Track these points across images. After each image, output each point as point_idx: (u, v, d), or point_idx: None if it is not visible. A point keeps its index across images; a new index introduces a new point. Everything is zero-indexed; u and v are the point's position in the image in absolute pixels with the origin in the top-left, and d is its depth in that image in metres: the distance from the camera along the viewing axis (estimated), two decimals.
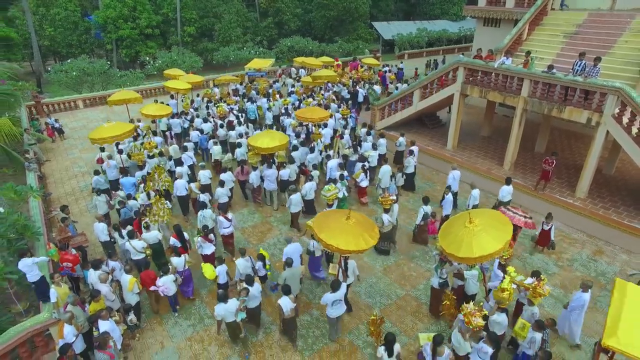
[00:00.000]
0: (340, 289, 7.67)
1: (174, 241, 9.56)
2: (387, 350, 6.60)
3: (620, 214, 11.77)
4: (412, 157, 13.95)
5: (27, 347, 8.18)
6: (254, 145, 12.51)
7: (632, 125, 11.15)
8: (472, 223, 6.89)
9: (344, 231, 7.36)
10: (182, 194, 12.19)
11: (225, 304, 7.49)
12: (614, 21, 15.38)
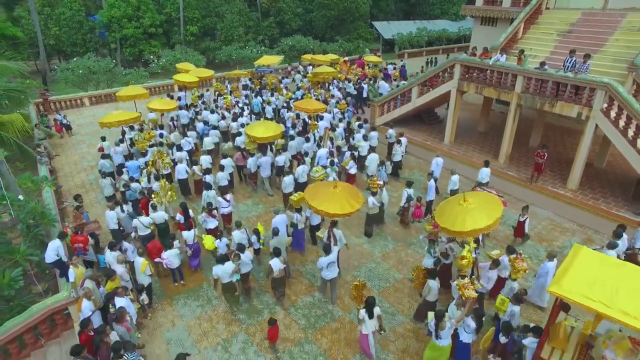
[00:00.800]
0: (332, 252, 8.65)
1: (179, 217, 10.47)
2: (367, 313, 7.30)
3: (609, 204, 12.30)
4: (399, 146, 14.72)
5: (47, 324, 8.73)
6: (250, 134, 13.37)
7: (619, 119, 11.68)
8: (466, 202, 7.52)
9: (332, 198, 8.52)
10: (182, 177, 13.26)
11: (223, 265, 8.47)
12: (606, 20, 15.88)
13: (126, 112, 15.11)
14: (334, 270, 8.84)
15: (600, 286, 5.49)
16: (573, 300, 5.48)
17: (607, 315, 5.21)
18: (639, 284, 5.50)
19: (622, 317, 5.10)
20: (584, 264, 5.97)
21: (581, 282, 5.61)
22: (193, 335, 8.72)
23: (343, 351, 8.24)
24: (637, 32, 14.53)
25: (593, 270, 5.81)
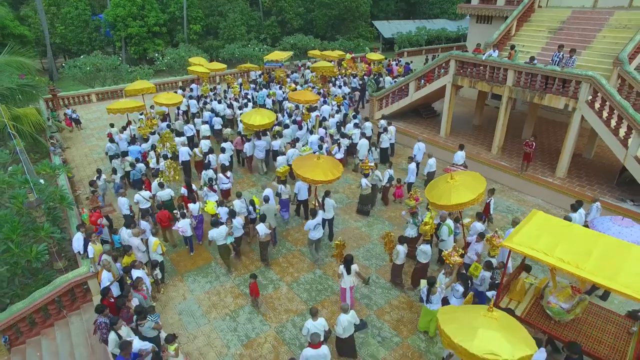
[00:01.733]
0: (317, 216, 9.92)
1: (184, 191, 11.94)
2: (345, 269, 8.23)
3: (594, 190, 12.99)
4: (386, 134, 15.84)
5: (69, 296, 9.45)
6: (246, 121, 14.47)
7: (603, 110, 12.37)
8: (452, 179, 8.39)
9: (316, 168, 10.12)
10: (185, 159, 14.72)
11: (217, 229, 9.69)
12: (595, 18, 16.57)
13: (132, 101, 16.83)
14: (319, 231, 10.13)
15: (544, 240, 6.56)
16: (519, 251, 6.59)
17: (546, 261, 6.33)
18: (578, 239, 6.59)
19: (558, 262, 6.18)
20: (535, 225, 7.06)
21: (529, 238, 6.68)
22: (203, 308, 9.43)
23: None
24: (623, 30, 15.22)
25: (541, 229, 6.89)
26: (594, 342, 6.83)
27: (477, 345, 4.99)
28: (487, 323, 5.31)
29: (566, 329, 7.11)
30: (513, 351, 4.90)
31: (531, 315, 7.44)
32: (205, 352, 8.29)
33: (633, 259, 6.10)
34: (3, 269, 8.32)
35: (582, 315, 7.27)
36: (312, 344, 6.54)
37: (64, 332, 9.29)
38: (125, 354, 6.45)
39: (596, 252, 6.24)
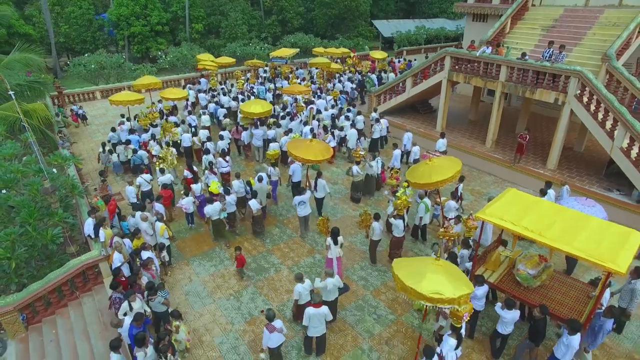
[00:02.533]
0: (305, 194, 11.03)
1: (187, 173, 12.94)
2: (332, 240, 9.06)
3: (583, 181, 13.53)
4: (378, 125, 16.70)
5: (81, 278, 9.99)
6: (245, 110, 15.63)
7: (590, 103, 12.90)
8: (431, 161, 9.48)
9: (308, 149, 11.40)
10: (187, 145, 16.01)
11: (212, 205, 10.73)
12: (586, 16, 17.09)
13: (133, 94, 17.88)
14: (306, 209, 11.22)
15: (513, 212, 7.46)
16: (490, 221, 7.53)
17: (512, 230, 7.26)
18: (544, 212, 7.49)
19: (523, 230, 7.05)
20: (508, 200, 7.99)
21: (501, 210, 7.58)
22: (208, 289, 9.98)
23: (340, 302, 9.48)
24: (612, 27, 15.74)
25: (512, 204, 7.81)
26: (557, 305, 7.69)
27: (424, 286, 5.93)
28: (434, 269, 6.28)
29: (533, 294, 7.95)
30: (454, 290, 5.88)
31: (503, 282, 8.35)
32: (210, 328, 8.83)
33: (590, 229, 7.03)
34: (22, 250, 8.85)
35: (548, 282, 8.15)
36: (314, 304, 7.39)
37: (77, 311, 9.84)
38: (137, 324, 6.99)
39: (558, 223, 7.12)
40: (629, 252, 6.44)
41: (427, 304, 5.97)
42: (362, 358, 8.08)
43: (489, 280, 8.27)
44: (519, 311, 7.39)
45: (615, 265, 6.17)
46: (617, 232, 7.00)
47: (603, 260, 6.25)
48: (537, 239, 6.88)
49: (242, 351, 8.26)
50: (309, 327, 7.48)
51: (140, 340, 6.72)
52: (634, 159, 12.03)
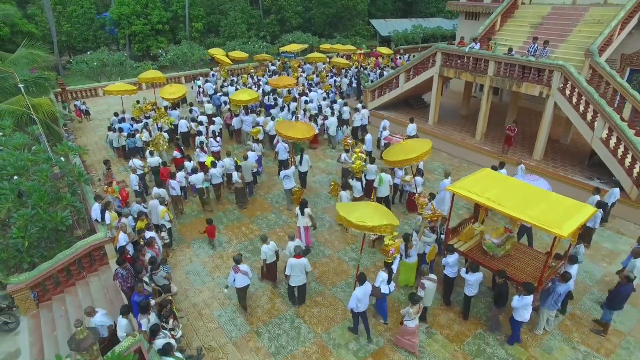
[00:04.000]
0: (290, 169, 12.60)
1: (176, 154, 14.44)
2: (300, 211, 10.29)
3: (567, 171, 14.15)
4: (358, 115, 17.71)
5: (88, 259, 10.60)
6: (234, 98, 17.00)
7: (573, 96, 13.52)
8: (405, 142, 10.85)
9: (294, 128, 12.82)
10: (184, 131, 17.30)
11: (196, 174, 12.44)
12: (572, 14, 17.71)
13: (126, 85, 19.48)
14: (290, 182, 12.54)
15: (480, 186, 8.49)
16: (458, 193, 8.45)
17: (477, 200, 8.26)
18: (509, 187, 8.51)
19: (486, 201, 8.00)
20: (479, 177, 8.95)
21: (470, 185, 8.48)
22: (208, 268, 10.61)
23: (332, 278, 10.11)
24: (597, 24, 16.35)
25: (482, 180, 8.76)
26: (517, 271, 8.57)
27: (353, 216, 7.67)
28: (365, 206, 8.28)
29: (498, 262, 8.81)
30: (376, 221, 7.52)
31: (472, 251, 9.21)
32: (210, 304, 9.45)
33: (548, 202, 7.90)
34: (35, 230, 9.46)
35: (513, 254, 8.98)
36: (296, 255, 8.58)
37: (84, 290, 10.45)
38: (139, 291, 7.62)
39: (520, 196, 8.03)
40: (575, 221, 7.29)
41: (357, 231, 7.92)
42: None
43: (460, 249, 9.09)
44: (481, 274, 8.26)
45: (559, 230, 6.99)
46: (572, 206, 7.86)
47: (550, 226, 7.10)
48: (497, 208, 7.84)
49: (239, 323, 8.87)
50: (291, 277, 8.68)
51: (144, 307, 7.33)
52: (612, 148, 12.65)
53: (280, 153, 14.46)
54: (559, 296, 7.75)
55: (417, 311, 7.53)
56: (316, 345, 8.29)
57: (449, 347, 8.25)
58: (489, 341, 8.35)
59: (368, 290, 7.90)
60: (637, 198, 12.03)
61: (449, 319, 8.92)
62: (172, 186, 12.23)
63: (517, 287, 8.06)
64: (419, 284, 8.16)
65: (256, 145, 14.72)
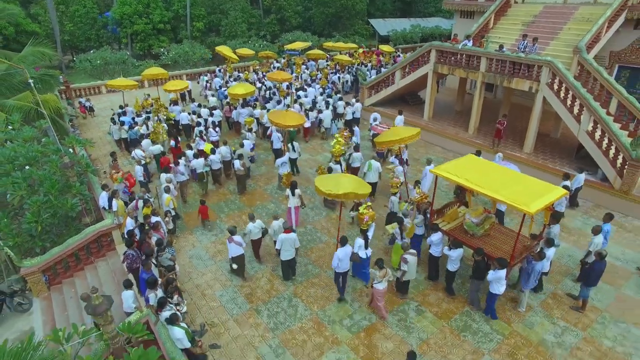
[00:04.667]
0: (284, 156, 13.57)
1: (172, 143, 15.64)
2: (291, 192, 11.16)
3: (555, 163, 14.69)
4: (350, 107, 18.53)
5: (96, 244, 11.15)
6: (230, 92, 17.82)
7: (560, 90, 14.06)
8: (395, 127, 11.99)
9: (285, 117, 14.01)
10: (185, 122, 18.38)
11: (197, 159, 13.52)
12: (563, 12, 18.25)
13: (127, 80, 20.78)
14: (285, 168, 13.41)
15: (461, 169, 9.14)
16: (440, 174, 9.32)
17: (456, 181, 8.97)
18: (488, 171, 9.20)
19: (464, 181, 8.75)
20: (463, 161, 9.74)
21: (452, 167, 9.29)
22: (209, 253, 11.16)
23: (328, 262, 10.64)
24: (585, 22, 16.89)
25: (465, 164, 9.53)
26: (494, 249, 9.24)
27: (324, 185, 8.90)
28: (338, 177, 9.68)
29: (477, 240, 9.48)
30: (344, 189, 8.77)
31: (454, 231, 9.90)
32: (212, 284, 10.00)
33: (523, 184, 8.60)
34: (47, 215, 10.01)
35: (492, 233, 9.68)
36: (286, 230, 9.33)
37: (93, 273, 11.00)
38: (147, 269, 8.17)
39: (497, 179, 8.71)
40: (543, 201, 7.97)
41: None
42: (345, 307, 9.23)
43: (443, 228, 9.80)
44: (462, 250, 8.93)
45: (527, 207, 7.66)
46: (542, 187, 8.50)
47: (518, 203, 7.81)
48: (473, 188, 8.63)
49: (240, 302, 9.42)
50: (282, 252, 9.43)
51: (152, 283, 7.88)
52: (597, 140, 13.19)
53: (274, 142, 15.50)
54: (537, 273, 8.31)
55: (383, 275, 8.40)
56: (312, 322, 8.84)
57: (437, 323, 8.80)
58: (475, 317, 8.90)
59: (348, 251, 8.85)
60: (620, 187, 12.57)
61: (437, 297, 9.46)
62: (181, 172, 13.08)
63: (492, 263, 8.58)
64: (401, 259, 8.78)
65: (249, 134, 16.08)
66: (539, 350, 8.12)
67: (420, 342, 8.32)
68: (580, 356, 7.95)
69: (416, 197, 10.42)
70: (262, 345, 8.30)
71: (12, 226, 10.24)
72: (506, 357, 7.99)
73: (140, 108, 19.64)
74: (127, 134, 17.27)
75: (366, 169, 12.82)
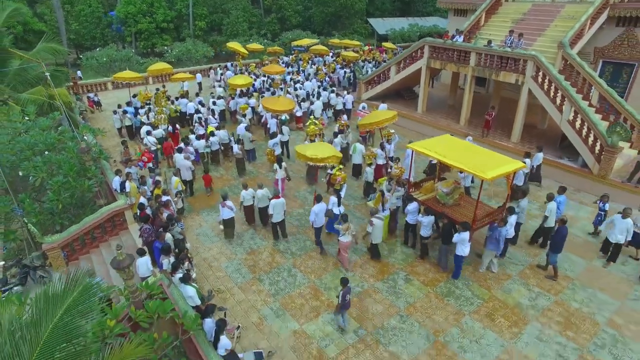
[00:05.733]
0: (276, 137, 14.99)
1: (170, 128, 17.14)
2: (278, 165, 12.49)
3: None
4: (341, 98, 20.05)
5: (110, 223, 12.04)
6: (230, 82, 19.68)
7: (544, 82, 14.94)
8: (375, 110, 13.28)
9: (276, 102, 15.96)
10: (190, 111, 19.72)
11: (199, 140, 15.25)
12: (550, 10, 19.13)
13: (133, 73, 22.17)
14: (279, 149, 15.08)
15: (434, 145, 10.57)
16: (416, 149, 10.69)
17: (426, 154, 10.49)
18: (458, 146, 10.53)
19: (433, 154, 10.17)
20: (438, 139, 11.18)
21: (426, 144, 10.65)
22: (215, 231, 12.05)
23: (324, 238, 11.52)
24: (570, 19, 17.76)
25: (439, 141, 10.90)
26: (460, 215, 10.43)
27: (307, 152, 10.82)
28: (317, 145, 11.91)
29: (447, 209, 10.67)
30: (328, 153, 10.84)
31: (428, 200, 11.07)
32: (218, 258, 10.90)
33: (487, 157, 9.86)
34: (67, 194, 10.92)
35: (462, 203, 10.98)
36: (275, 196, 10.88)
37: (107, 250, 11.89)
38: (162, 239, 9.06)
39: (465, 153, 9.98)
40: (499, 170, 9.27)
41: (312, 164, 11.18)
42: (340, 276, 10.08)
43: (419, 198, 10.99)
44: (433, 217, 10.01)
45: (483, 174, 8.96)
46: (503, 160, 9.77)
47: (476, 171, 9.13)
48: (440, 159, 10.09)
49: (244, 272, 10.32)
50: (274, 215, 10.89)
51: (166, 249, 8.78)
52: (577, 129, 14.08)
53: (271, 127, 17.04)
54: (500, 237, 9.43)
55: (346, 228, 9.70)
56: (309, 288, 9.74)
57: (424, 289, 9.69)
58: (458, 285, 9.79)
59: (323, 207, 10.50)
60: (598, 172, 13.45)
61: (424, 268, 10.36)
62: (191, 151, 14.26)
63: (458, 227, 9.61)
64: (369, 222, 10.01)
65: (243, 118, 17.96)
66: (514, 311, 9.01)
67: (408, 305, 9.21)
68: (550, 316, 8.84)
69: (395, 172, 11.61)
70: (264, 308, 9.19)
71: (34, 206, 11.15)
72: (484, 317, 8.88)
73: (145, 99, 20.85)
74: (129, 122, 18.86)
75: (351, 151, 14.23)
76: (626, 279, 9.84)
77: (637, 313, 8.87)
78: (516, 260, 10.61)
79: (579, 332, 8.44)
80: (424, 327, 8.64)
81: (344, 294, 8.11)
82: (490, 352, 8.04)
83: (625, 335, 8.33)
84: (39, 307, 4.62)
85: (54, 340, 4.44)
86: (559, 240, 9.37)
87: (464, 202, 11.03)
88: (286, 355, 8.02)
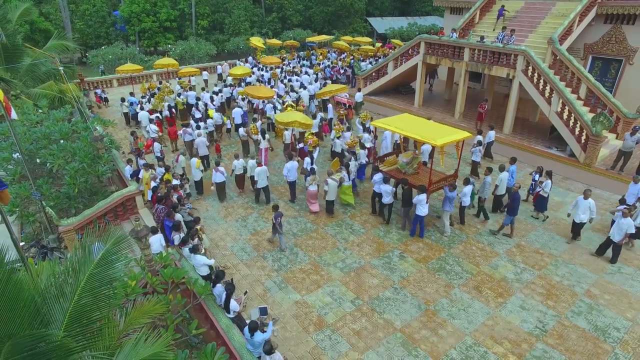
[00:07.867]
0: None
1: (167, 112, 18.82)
2: (262, 136, 14.76)
3: (530, 141, 16.28)
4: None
5: (122, 207, 12.76)
6: (231, 72, 21.92)
7: (534, 76, 15.66)
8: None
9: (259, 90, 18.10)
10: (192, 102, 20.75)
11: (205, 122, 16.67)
12: (542, 8, 19.85)
13: (133, 65, 24.03)
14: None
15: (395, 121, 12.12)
16: (378, 125, 12.35)
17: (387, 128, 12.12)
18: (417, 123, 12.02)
19: (392, 128, 11.76)
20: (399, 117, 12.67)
21: (389, 121, 12.17)
22: (221, 215, 12.78)
23: (324, 220, 12.25)
24: (560, 17, 18.48)
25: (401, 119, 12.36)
26: (417, 181, 11.66)
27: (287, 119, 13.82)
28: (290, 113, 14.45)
29: (410, 177, 11.88)
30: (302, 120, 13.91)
31: (391, 171, 12.42)
32: (224, 237, 11.62)
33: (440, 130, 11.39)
34: (82, 179, 11.64)
35: (421, 172, 12.33)
36: (259, 164, 12.49)
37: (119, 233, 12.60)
38: (172, 218, 9.78)
39: (418, 127, 11.62)
40: (447, 138, 10.76)
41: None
42: (338, 254, 10.85)
43: (383, 170, 12.30)
44: (393, 187, 11.75)
45: (433, 141, 10.55)
46: (452, 132, 11.35)
47: (427, 139, 10.78)
48: (397, 131, 11.66)
49: (249, 250, 11.04)
50: (258, 181, 12.49)
51: (176, 226, 9.51)
52: (565, 119, 14.79)
53: (266, 111, 18.97)
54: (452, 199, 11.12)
55: (313, 179, 11.91)
56: (310, 265, 10.46)
57: (416, 265, 10.40)
58: (449, 261, 10.51)
59: (295, 164, 12.71)
60: (584, 161, 14.16)
61: (417, 247, 11.07)
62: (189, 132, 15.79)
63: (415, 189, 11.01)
64: (324, 181, 12.04)
65: (242, 102, 19.66)
66: (500, 284, 9.72)
67: (401, 279, 9.92)
68: (533, 288, 9.56)
69: (348, 141, 14.26)
70: (268, 281, 9.91)
71: (51, 190, 11.86)
72: (472, 289, 9.59)
73: (145, 90, 22.55)
74: (127, 109, 20.77)
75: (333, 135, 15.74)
76: (605, 257, 10.54)
77: (612, 285, 9.58)
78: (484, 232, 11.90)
79: (559, 301, 9.15)
80: (416, 297, 9.35)
81: (275, 217, 10.46)
82: (476, 319, 8.75)
83: (599, 304, 9.04)
84: (77, 257, 5.33)
85: (90, 284, 5.16)
86: (514, 204, 10.86)
87: (422, 171, 12.45)
88: (289, 322, 8.73)
